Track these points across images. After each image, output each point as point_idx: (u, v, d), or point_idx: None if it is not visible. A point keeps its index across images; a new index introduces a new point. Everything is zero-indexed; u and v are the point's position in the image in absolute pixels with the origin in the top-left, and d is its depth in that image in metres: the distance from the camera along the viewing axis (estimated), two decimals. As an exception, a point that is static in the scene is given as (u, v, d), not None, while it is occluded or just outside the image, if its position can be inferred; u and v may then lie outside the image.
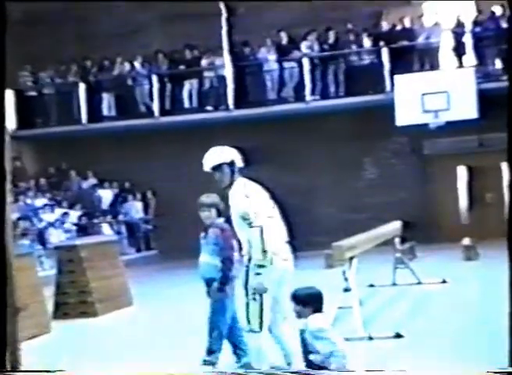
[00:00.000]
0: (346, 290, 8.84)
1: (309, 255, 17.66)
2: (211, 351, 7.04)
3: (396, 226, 13.15)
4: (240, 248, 6.94)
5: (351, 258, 8.98)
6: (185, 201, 21.02)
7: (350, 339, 8.29)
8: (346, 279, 8.88)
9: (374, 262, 12.85)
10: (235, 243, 7.08)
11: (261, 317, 6.17)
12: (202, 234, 7.27)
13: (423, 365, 7.02)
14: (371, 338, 8.31)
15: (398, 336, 8.29)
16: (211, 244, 7.07)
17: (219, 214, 7.29)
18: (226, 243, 7.11)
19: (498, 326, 8.76)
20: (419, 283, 12.55)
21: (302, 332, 6.31)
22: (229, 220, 7.16)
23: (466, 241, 16.58)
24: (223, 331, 7.12)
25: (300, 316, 6.38)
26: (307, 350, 6.28)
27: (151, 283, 15.77)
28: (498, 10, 19.55)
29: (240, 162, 6.72)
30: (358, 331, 8.43)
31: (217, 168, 6.72)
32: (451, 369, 6.71)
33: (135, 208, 21.67)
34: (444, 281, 12.67)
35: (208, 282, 7.11)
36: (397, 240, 13.03)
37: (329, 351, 6.19)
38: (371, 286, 12.59)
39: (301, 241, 19.90)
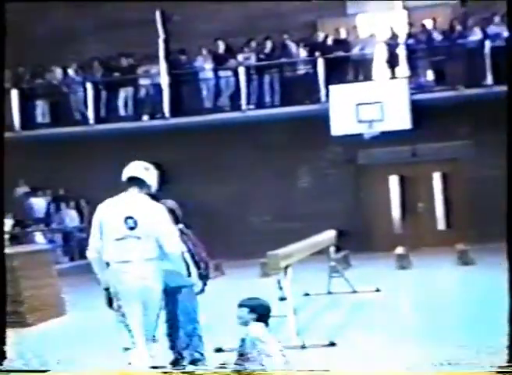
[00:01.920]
0: (282, 299, 8.87)
1: (244, 264, 17.70)
2: (195, 361, 6.95)
3: (330, 235, 13.26)
4: (212, 256, 6.90)
5: (286, 267, 9.02)
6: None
7: (284, 348, 8.33)
8: (281, 288, 8.91)
9: (309, 271, 12.92)
10: (202, 246, 7.02)
11: (130, 333, 6.16)
12: None
13: (355, 373, 7.08)
14: (304, 347, 8.35)
15: (332, 344, 8.35)
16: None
17: (178, 221, 7.13)
18: (196, 248, 6.99)
19: (435, 332, 8.91)
20: (354, 291, 12.67)
21: (243, 340, 6.31)
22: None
23: (399, 249, 16.81)
24: (202, 338, 7.06)
25: (243, 323, 6.39)
26: (243, 356, 6.28)
27: (84, 292, 15.58)
28: (428, 23, 19.94)
29: (152, 182, 6.58)
30: (292, 340, 8.46)
31: (131, 181, 6.56)
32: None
33: (69, 217, 21.40)
34: (378, 290, 12.81)
35: (170, 291, 6.93)
36: (332, 249, 13.15)
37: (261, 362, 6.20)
38: (306, 295, 12.66)
39: (237, 249, 20.05)
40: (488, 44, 18.75)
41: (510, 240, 4.79)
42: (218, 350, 8.39)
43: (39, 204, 21.44)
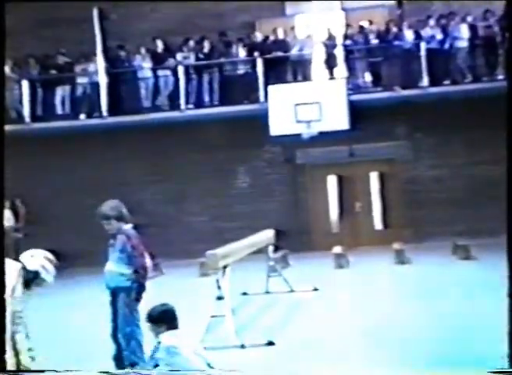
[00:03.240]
0: (220, 298, 8.87)
1: (183, 264, 17.67)
2: (133, 364, 6.82)
3: (269, 234, 13.31)
4: (152, 256, 6.78)
5: (225, 267, 9.03)
6: (55, 209, 20.67)
7: (223, 347, 8.34)
8: (219, 287, 8.92)
9: (247, 271, 12.94)
10: (144, 250, 6.86)
11: None
12: (110, 241, 6.99)
13: (293, 371, 7.13)
14: (243, 346, 8.37)
15: (270, 344, 8.39)
16: (117, 252, 6.79)
17: (125, 221, 6.99)
18: (135, 250, 6.83)
19: (372, 330, 9.01)
20: (292, 291, 12.74)
21: (155, 349, 6.23)
22: (136, 227, 6.97)
23: (337, 249, 16.95)
24: (141, 341, 6.93)
25: (156, 334, 6.29)
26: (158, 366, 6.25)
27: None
28: (365, 24, 20.16)
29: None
30: (231, 339, 8.47)
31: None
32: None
33: (4, 216, 21.08)
34: (316, 289, 12.90)
35: (114, 291, 6.83)
36: (270, 248, 13.19)
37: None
38: (245, 294, 12.69)
39: (175, 249, 19.98)
40: (423, 46, 19.03)
41: (510, 238, 4.86)
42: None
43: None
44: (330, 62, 19.75)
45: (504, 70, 5.35)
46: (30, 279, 6.14)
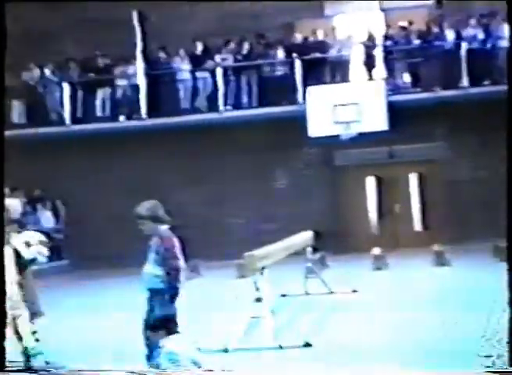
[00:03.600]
0: (258, 300, 8.86)
1: (221, 265, 17.69)
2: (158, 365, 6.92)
3: (307, 236, 13.28)
4: (186, 258, 6.81)
5: (263, 268, 9.02)
6: (96, 211, 20.82)
7: (261, 348, 8.34)
8: (257, 289, 8.90)
9: (285, 272, 12.93)
10: (179, 251, 6.89)
11: None
12: (150, 243, 7.05)
13: (330, 373, 7.10)
14: (281, 347, 8.35)
15: (307, 345, 8.36)
16: (153, 253, 6.84)
17: (161, 222, 7.03)
18: (168, 252, 6.86)
19: (410, 333, 8.94)
20: (330, 292, 12.69)
21: (157, 354, 6.26)
22: (173, 228, 7.00)
23: (376, 250, 16.86)
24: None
25: (156, 340, 6.30)
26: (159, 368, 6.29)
27: (60, 293, 15.50)
28: (405, 25, 20.03)
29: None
30: (269, 340, 8.46)
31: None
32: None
33: (45, 218, 21.27)
34: (354, 291, 12.84)
35: (150, 292, 6.89)
36: (308, 250, 13.16)
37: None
38: (284, 296, 12.67)
39: (213, 251, 20.03)
40: (464, 46, 18.86)
41: (510, 241, 4.81)
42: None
43: (14, 205, 21.22)
44: (369, 63, 19.68)
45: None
46: (27, 263, 6.28)
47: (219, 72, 20.07)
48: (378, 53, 19.71)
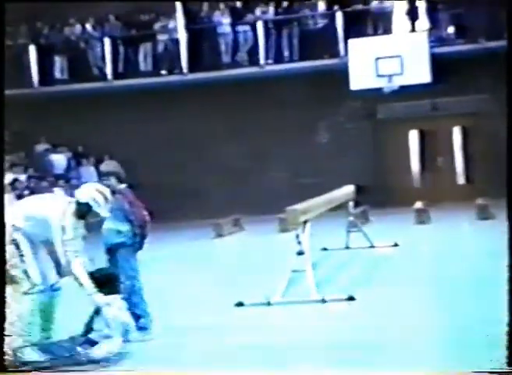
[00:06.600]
0: (300, 253, 8.91)
1: (262, 220, 17.77)
2: (139, 317, 7.03)
3: (349, 190, 13.26)
4: (150, 212, 7.05)
5: (305, 222, 9.05)
6: (138, 165, 20.97)
7: (303, 302, 8.41)
8: (299, 242, 8.94)
9: (327, 226, 12.95)
10: (141, 206, 7.15)
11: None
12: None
13: (374, 326, 7.15)
14: (324, 301, 8.41)
15: (350, 299, 8.41)
16: (114, 210, 6.97)
17: (120, 181, 7.31)
18: (133, 206, 7.14)
19: (450, 291, 8.94)
20: (372, 246, 12.71)
21: (94, 311, 6.36)
22: (131, 186, 7.25)
23: (418, 204, 16.79)
24: (142, 294, 7.19)
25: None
26: (90, 327, 6.41)
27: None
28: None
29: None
30: (312, 294, 8.52)
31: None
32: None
33: (89, 173, 21.47)
34: (396, 244, 12.84)
35: (112, 248, 7.10)
36: (350, 204, 13.15)
37: (107, 334, 6.30)
38: (325, 249, 12.71)
39: (255, 205, 20.09)
40: (509, -5, 18.48)
41: (511, 224, 4.77)
42: (239, 304, 8.49)
43: (59, 160, 21.51)
44: (412, 14, 19.37)
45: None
46: (85, 211, 6.39)
47: (260, 25, 19.93)
48: (422, 4, 19.40)
